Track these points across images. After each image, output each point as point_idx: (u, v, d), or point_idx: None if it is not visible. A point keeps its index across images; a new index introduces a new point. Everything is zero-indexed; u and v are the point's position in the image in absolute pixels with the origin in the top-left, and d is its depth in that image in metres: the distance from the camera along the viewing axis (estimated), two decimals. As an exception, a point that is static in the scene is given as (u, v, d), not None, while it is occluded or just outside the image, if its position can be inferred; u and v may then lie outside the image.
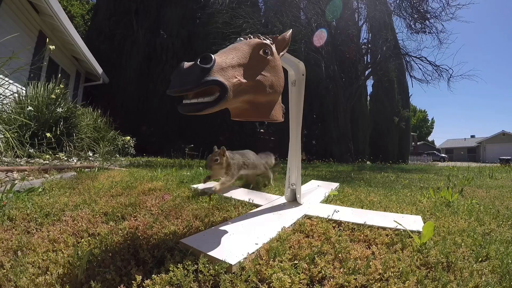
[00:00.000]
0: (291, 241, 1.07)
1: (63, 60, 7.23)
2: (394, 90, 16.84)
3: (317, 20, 10.49)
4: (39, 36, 5.53)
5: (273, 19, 10.23)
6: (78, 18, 18.85)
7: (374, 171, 4.79)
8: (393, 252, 1.02)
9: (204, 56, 0.88)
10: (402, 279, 0.84)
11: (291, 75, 1.56)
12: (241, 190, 2.07)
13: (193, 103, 0.90)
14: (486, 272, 0.90)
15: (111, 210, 1.36)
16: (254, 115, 1.09)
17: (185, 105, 0.91)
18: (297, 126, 1.59)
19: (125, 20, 11.33)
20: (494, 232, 1.29)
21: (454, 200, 1.92)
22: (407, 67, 11.83)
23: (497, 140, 32.46)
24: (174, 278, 0.78)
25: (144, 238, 1.07)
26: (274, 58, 1.11)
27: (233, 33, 8.60)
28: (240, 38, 1.13)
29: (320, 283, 0.83)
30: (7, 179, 2.05)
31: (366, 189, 2.40)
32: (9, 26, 4.48)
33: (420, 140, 40.56)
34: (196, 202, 1.65)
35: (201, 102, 0.89)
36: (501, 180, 3.85)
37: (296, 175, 1.62)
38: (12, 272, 0.80)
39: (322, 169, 4.96)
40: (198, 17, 12.39)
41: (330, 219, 1.35)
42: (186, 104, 0.91)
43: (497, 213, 1.67)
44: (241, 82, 0.95)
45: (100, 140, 4.67)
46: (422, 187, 2.76)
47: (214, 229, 1.17)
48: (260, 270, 0.85)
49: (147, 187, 1.98)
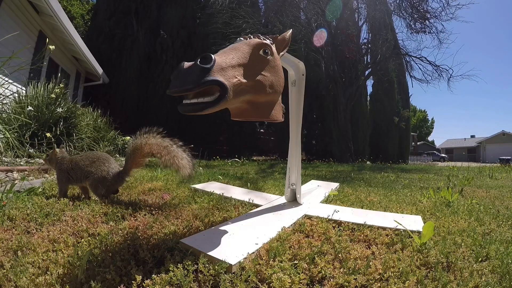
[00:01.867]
0: (291, 241, 1.07)
1: (63, 60, 7.23)
2: (394, 90, 16.84)
3: (317, 20, 10.49)
4: (39, 36, 5.53)
5: (273, 19, 10.23)
6: (78, 18, 18.84)
7: (374, 171, 4.79)
8: (393, 252, 1.02)
9: (204, 56, 0.88)
10: (402, 279, 0.84)
11: (291, 75, 1.56)
12: (240, 190, 2.07)
13: (193, 103, 0.90)
14: (486, 272, 0.90)
15: (111, 210, 1.36)
16: (254, 115, 1.09)
17: (185, 105, 0.91)
18: (297, 126, 1.59)
19: (125, 20, 11.33)
20: (494, 232, 1.29)
21: (454, 200, 1.92)
22: (407, 67, 11.84)
23: (497, 140, 32.46)
24: (174, 278, 0.78)
25: (144, 238, 1.07)
26: (274, 58, 1.11)
27: (233, 33, 8.60)
28: (240, 38, 1.13)
29: (320, 283, 0.83)
30: (7, 179, 2.05)
31: (366, 189, 2.41)
32: (9, 26, 4.48)
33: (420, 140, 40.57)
34: (196, 202, 1.65)
35: (201, 102, 0.89)
36: (501, 180, 3.85)
37: (296, 175, 1.62)
38: (12, 272, 0.80)
39: (322, 169, 4.96)
40: (198, 17, 12.39)
41: (330, 219, 1.35)
42: (186, 104, 0.91)
43: (497, 213, 1.67)
44: (241, 82, 0.95)
45: (100, 140, 4.67)
46: (422, 187, 2.76)
47: (214, 229, 1.17)
48: (260, 270, 0.85)
49: (147, 187, 1.98)
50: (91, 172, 1.55)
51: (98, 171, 1.55)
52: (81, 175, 1.56)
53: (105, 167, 1.57)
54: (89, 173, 1.55)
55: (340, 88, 11.33)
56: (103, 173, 1.55)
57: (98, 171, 1.55)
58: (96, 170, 1.55)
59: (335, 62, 11.31)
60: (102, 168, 1.56)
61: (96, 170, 1.55)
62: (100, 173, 1.55)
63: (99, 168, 1.56)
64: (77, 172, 1.56)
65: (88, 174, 1.55)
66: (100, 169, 1.56)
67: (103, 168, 1.56)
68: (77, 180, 1.57)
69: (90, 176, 1.54)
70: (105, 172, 1.55)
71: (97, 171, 1.55)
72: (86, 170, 1.55)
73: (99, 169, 1.55)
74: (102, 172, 1.55)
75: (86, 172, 1.55)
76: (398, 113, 16.96)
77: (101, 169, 1.56)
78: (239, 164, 5.51)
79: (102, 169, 1.56)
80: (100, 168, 1.56)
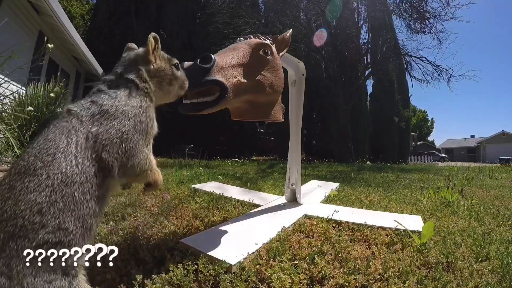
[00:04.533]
0: (291, 241, 1.07)
1: (63, 60, 7.22)
2: (394, 90, 16.83)
3: (317, 20, 10.49)
4: (39, 36, 5.53)
5: (273, 19, 10.22)
6: (78, 18, 18.85)
7: (374, 171, 4.78)
8: (393, 252, 1.02)
9: (204, 56, 0.88)
10: (402, 279, 0.84)
11: (291, 75, 1.56)
12: (240, 190, 2.07)
13: (193, 103, 0.90)
14: (486, 272, 0.89)
15: (111, 210, 1.36)
16: (254, 115, 1.09)
17: (185, 105, 0.91)
18: (297, 126, 1.59)
19: (125, 20, 11.34)
20: (494, 232, 1.29)
21: (454, 200, 1.92)
22: (407, 67, 11.83)
23: (497, 140, 32.45)
24: (174, 278, 0.78)
25: (144, 238, 1.07)
26: (274, 58, 1.11)
27: (233, 33, 8.58)
28: (240, 38, 1.13)
29: (320, 283, 0.83)
30: (7, 179, 2.05)
31: (366, 189, 2.40)
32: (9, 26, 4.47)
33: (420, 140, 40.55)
34: (196, 202, 1.65)
35: (201, 102, 0.89)
36: (501, 180, 3.85)
37: (296, 175, 1.61)
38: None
39: (322, 169, 4.96)
40: (198, 17, 12.39)
41: (330, 219, 1.35)
42: (186, 104, 0.91)
43: (497, 213, 1.67)
44: (241, 82, 0.95)
45: (100, 140, 4.66)
46: (422, 187, 2.76)
47: (214, 229, 1.17)
48: (260, 270, 0.85)
49: (147, 187, 1.98)
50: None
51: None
52: None
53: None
54: None
55: (340, 88, 11.33)
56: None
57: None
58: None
59: (335, 62, 11.31)
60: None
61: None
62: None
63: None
64: None
65: None
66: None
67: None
68: None
69: None
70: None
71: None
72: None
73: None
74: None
75: None
76: (398, 113, 16.96)
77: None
78: (239, 164, 5.51)
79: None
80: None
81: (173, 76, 0.78)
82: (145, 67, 0.73)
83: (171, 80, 0.77)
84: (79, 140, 0.59)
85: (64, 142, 0.58)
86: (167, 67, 0.77)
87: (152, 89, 0.74)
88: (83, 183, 0.57)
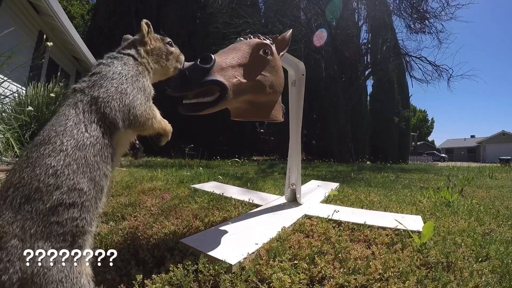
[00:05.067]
0: (291, 241, 1.07)
1: (63, 60, 7.22)
2: (394, 90, 16.84)
3: (317, 20, 10.49)
4: (39, 36, 5.53)
5: (273, 19, 10.22)
6: (78, 18, 18.86)
7: (374, 171, 4.78)
8: (393, 252, 1.02)
9: (204, 56, 0.88)
10: (402, 279, 0.84)
11: (291, 75, 1.56)
12: (240, 190, 2.07)
13: (193, 103, 0.90)
14: (486, 272, 0.89)
15: (111, 210, 1.36)
16: (254, 115, 1.09)
17: (186, 105, 0.91)
18: (297, 126, 1.59)
19: (125, 20, 11.34)
20: (494, 232, 1.29)
21: (454, 200, 1.92)
22: (407, 67, 11.83)
23: (497, 140, 32.45)
24: (174, 278, 0.78)
25: (144, 238, 1.07)
26: (274, 58, 1.11)
27: (233, 33, 8.59)
28: (240, 38, 1.13)
29: (320, 283, 0.83)
30: (7, 179, 2.05)
31: (366, 189, 2.40)
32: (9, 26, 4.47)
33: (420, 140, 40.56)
34: (196, 202, 1.65)
35: (201, 102, 0.89)
36: (501, 180, 3.85)
37: (296, 175, 1.62)
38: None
39: (322, 169, 4.96)
40: (198, 17, 12.39)
41: (330, 219, 1.35)
42: (186, 104, 0.91)
43: (497, 213, 1.67)
44: (241, 82, 0.95)
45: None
46: (422, 187, 2.76)
47: (214, 229, 1.17)
48: (260, 270, 0.85)
49: (147, 187, 1.98)
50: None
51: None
52: None
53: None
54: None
55: (340, 88, 11.33)
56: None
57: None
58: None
59: (335, 62, 11.30)
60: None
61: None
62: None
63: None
64: None
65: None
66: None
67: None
68: None
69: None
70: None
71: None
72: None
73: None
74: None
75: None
76: (398, 113, 16.96)
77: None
78: (239, 164, 5.51)
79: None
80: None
81: (168, 51, 0.87)
82: (143, 48, 0.82)
83: (167, 55, 0.86)
84: (85, 107, 0.65)
85: (73, 113, 0.64)
86: (162, 46, 0.86)
87: (151, 65, 0.81)
88: (93, 145, 0.62)
